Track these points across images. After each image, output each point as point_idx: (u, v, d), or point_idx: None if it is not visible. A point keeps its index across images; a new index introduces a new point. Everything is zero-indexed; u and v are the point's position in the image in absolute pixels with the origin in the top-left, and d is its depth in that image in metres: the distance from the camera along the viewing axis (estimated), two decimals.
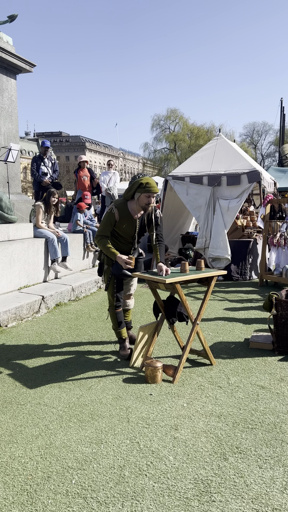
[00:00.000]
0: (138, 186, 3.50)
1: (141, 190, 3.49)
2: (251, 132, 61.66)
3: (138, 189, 3.51)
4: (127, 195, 3.61)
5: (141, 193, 3.50)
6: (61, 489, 2.13)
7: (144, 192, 3.48)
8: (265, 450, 2.43)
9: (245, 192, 7.59)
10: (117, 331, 3.92)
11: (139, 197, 3.53)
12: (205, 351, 3.65)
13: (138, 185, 3.51)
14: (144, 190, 3.48)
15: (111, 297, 3.82)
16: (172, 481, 2.17)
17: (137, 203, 3.58)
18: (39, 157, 8.66)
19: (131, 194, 3.58)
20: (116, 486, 2.14)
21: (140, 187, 3.49)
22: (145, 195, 3.50)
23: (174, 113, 49.70)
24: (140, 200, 3.54)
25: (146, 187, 3.47)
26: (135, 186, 3.53)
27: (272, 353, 3.97)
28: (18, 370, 3.62)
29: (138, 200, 3.55)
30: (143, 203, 3.54)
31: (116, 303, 3.81)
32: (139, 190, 3.51)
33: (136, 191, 3.52)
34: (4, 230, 5.95)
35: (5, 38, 7.94)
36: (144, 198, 3.52)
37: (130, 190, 3.58)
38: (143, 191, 3.49)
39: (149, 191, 3.47)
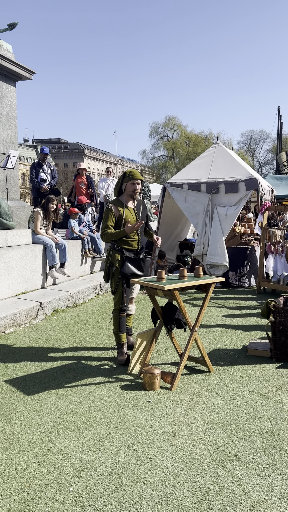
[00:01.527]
0: (123, 176, 3.88)
1: (127, 179, 3.86)
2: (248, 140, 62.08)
3: (124, 179, 3.87)
4: (116, 190, 3.97)
5: (127, 182, 3.86)
6: (59, 496, 2.11)
7: (129, 180, 3.84)
8: (263, 457, 2.43)
9: (243, 200, 7.63)
10: (117, 335, 3.94)
11: (125, 186, 3.89)
12: (203, 358, 3.65)
13: (123, 176, 3.90)
14: (129, 178, 3.84)
15: (119, 300, 3.89)
16: (170, 489, 2.16)
17: (126, 193, 3.92)
18: (38, 163, 8.69)
19: (119, 187, 3.93)
20: (114, 493, 2.13)
21: (125, 177, 3.87)
22: (131, 183, 3.85)
23: (172, 120, 50.03)
24: (127, 189, 3.88)
25: (130, 175, 3.85)
26: (121, 178, 3.91)
27: (270, 360, 3.97)
28: (15, 376, 3.61)
29: (126, 189, 3.90)
30: (130, 190, 3.87)
31: (122, 307, 3.89)
32: (124, 180, 3.87)
33: (123, 181, 3.89)
34: (3, 236, 5.96)
35: (5, 45, 8.00)
36: (130, 185, 3.86)
37: (117, 184, 3.95)
38: (128, 179, 3.85)
39: (133, 178, 3.83)
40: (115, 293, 3.88)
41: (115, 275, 3.86)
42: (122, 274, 3.82)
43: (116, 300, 3.91)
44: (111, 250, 3.92)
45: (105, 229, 3.81)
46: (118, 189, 3.94)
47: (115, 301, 3.92)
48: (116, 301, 3.91)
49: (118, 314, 3.91)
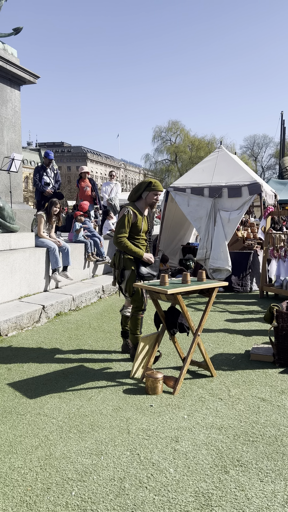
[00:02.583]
0: (147, 185, 3.91)
1: (149, 189, 3.90)
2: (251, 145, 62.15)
3: (147, 188, 3.90)
4: (135, 196, 3.98)
5: (149, 191, 3.90)
6: (61, 500, 2.11)
7: (152, 190, 3.89)
8: (266, 463, 2.42)
9: (246, 204, 7.63)
10: (136, 336, 4.03)
11: (147, 195, 3.93)
12: (206, 363, 3.64)
13: (146, 184, 3.91)
14: (152, 189, 3.89)
15: (140, 301, 3.95)
16: (173, 494, 2.15)
17: (145, 202, 3.96)
18: (42, 167, 8.72)
19: (139, 194, 3.96)
20: (116, 498, 2.12)
21: (149, 186, 3.89)
22: (153, 193, 3.91)
23: (175, 125, 50.15)
24: (148, 198, 3.93)
25: (154, 186, 3.89)
26: (143, 186, 3.92)
27: (273, 365, 3.96)
28: (18, 379, 3.61)
29: (146, 198, 3.94)
30: (150, 200, 3.93)
31: (143, 306, 3.98)
32: (147, 189, 3.91)
33: (145, 190, 3.91)
34: (6, 239, 5.98)
35: (10, 50, 8.05)
36: (152, 195, 3.92)
37: (138, 190, 3.96)
38: (151, 189, 3.89)
39: (156, 189, 3.89)
40: (134, 294, 3.92)
41: (131, 278, 3.90)
42: (138, 275, 3.89)
43: (137, 301, 3.96)
44: (121, 253, 3.94)
45: (121, 236, 3.84)
46: (138, 196, 3.96)
47: (136, 303, 3.96)
48: (137, 302, 3.96)
49: (139, 315, 3.99)
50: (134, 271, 3.91)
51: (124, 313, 4.18)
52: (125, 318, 4.21)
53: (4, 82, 8.05)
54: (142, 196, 3.95)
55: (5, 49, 7.91)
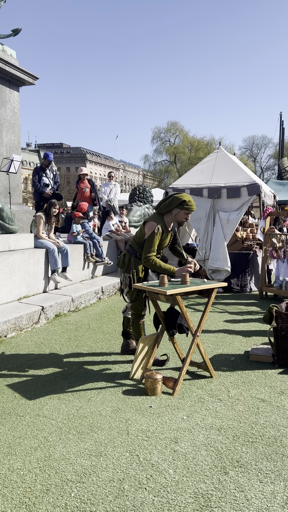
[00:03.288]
0: (180, 203, 3.65)
1: (182, 207, 3.66)
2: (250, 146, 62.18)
3: (179, 206, 3.66)
4: (165, 210, 3.74)
5: (181, 210, 3.68)
6: (60, 502, 2.10)
7: (184, 209, 3.67)
8: (265, 464, 2.41)
9: (245, 205, 7.64)
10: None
11: (178, 212, 3.70)
12: (205, 364, 3.64)
13: (179, 202, 3.65)
14: (185, 208, 3.66)
15: (141, 307, 3.91)
16: (172, 495, 2.15)
17: (175, 218, 3.75)
18: (41, 168, 8.72)
19: (170, 209, 3.72)
20: (116, 499, 2.12)
21: (182, 204, 3.65)
22: (185, 212, 3.69)
23: (174, 126, 50.17)
24: (179, 216, 3.72)
25: (187, 205, 3.65)
26: (176, 202, 3.66)
27: (272, 366, 3.95)
28: (17, 381, 3.61)
29: (177, 215, 3.72)
30: (181, 218, 3.73)
31: (143, 312, 3.94)
32: (179, 207, 3.67)
33: (176, 207, 3.68)
34: (5, 240, 5.97)
35: (8, 51, 8.06)
36: (183, 214, 3.71)
37: (170, 205, 3.70)
38: (183, 208, 3.66)
39: (189, 209, 3.67)
40: (136, 300, 3.87)
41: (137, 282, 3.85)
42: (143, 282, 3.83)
43: (138, 307, 3.90)
44: (131, 256, 3.88)
45: (151, 256, 3.60)
46: (168, 210, 3.73)
47: (136, 309, 3.91)
48: (138, 308, 3.91)
49: (139, 321, 3.94)
50: (141, 278, 3.88)
51: (127, 315, 4.17)
52: (127, 319, 4.20)
53: (3, 83, 8.05)
54: (172, 212, 3.72)
55: (4, 50, 7.92)
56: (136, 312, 3.92)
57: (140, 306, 3.90)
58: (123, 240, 8.99)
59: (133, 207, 11.17)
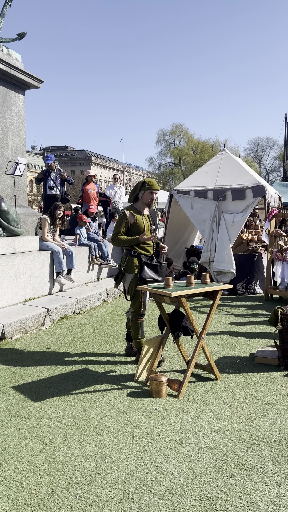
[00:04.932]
0: (142, 185, 3.94)
1: (144, 188, 3.92)
2: (255, 147, 62.00)
3: (142, 188, 3.93)
4: (132, 197, 4.03)
5: (145, 191, 3.93)
6: (65, 504, 2.10)
7: (147, 189, 3.92)
8: (271, 467, 2.40)
9: (250, 207, 7.62)
10: (138, 341, 4.01)
11: (143, 195, 3.96)
12: (210, 366, 3.63)
13: (141, 184, 3.95)
14: (147, 188, 3.92)
15: (138, 305, 3.94)
16: (177, 498, 2.14)
17: (142, 201, 3.99)
18: (47, 171, 8.82)
19: (136, 195, 4.00)
20: (121, 502, 2.12)
21: (144, 186, 3.92)
22: (148, 192, 3.93)
23: (179, 128, 50.20)
24: (144, 198, 3.96)
25: (148, 185, 3.92)
26: (139, 186, 3.96)
27: (277, 368, 3.94)
28: (22, 383, 3.61)
29: (143, 198, 3.97)
30: (147, 200, 3.96)
31: (142, 311, 3.97)
32: (142, 189, 3.94)
33: (140, 190, 3.95)
34: (11, 243, 6.00)
35: (14, 55, 8.11)
36: (148, 195, 3.94)
37: (134, 191, 4.01)
38: (146, 189, 3.92)
39: (151, 188, 3.91)
40: (134, 298, 3.92)
41: (134, 281, 3.89)
42: (140, 279, 3.87)
43: (135, 306, 3.95)
44: (127, 255, 3.95)
45: (116, 235, 3.91)
46: (135, 197, 4.01)
47: (134, 307, 3.96)
48: (136, 307, 3.95)
49: (138, 319, 3.97)
50: (137, 275, 3.91)
51: (129, 316, 4.17)
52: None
53: (8, 87, 8.10)
54: (139, 197, 4.00)
55: (9, 54, 7.97)
56: (135, 309, 3.96)
57: (139, 304, 3.94)
58: None
59: None
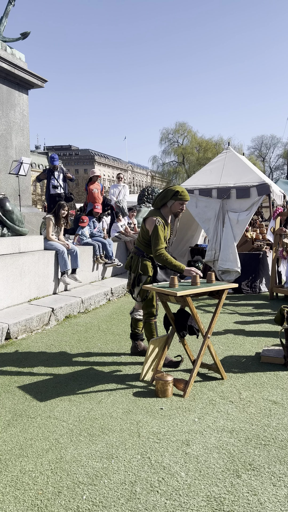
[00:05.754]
0: (174, 194, 3.76)
1: (176, 198, 3.76)
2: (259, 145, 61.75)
3: (173, 197, 3.77)
4: (160, 203, 3.84)
5: (176, 200, 3.78)
6: (72, 504, 2.10)
7: (179, 200, 3.76)
8: (278, 467, 2.38)
9: (255, 205, 7.59)
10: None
11: (172, 204, 3.80)
12: (216, 365, 3.61)
13: (173, 193, 3.76)
14: (179, 198, 3.76)
15: (151, 307, 3.91)
16: (184, 498, 2.13)
17: (170, 210, 3.85)
18: (50, 170, 8.81)
19: (164, 202, 3.83)
20: (128, 502, 2.11)
21: (175, 195, 3.76)
22: (179, 203, 3.79)
23: (182, 126, 50.10)
24: (174, 207, 3.82)
25: (181, 195, 3.76)
26: (170, 194, 3.78)
27: (284, 367, 3.91)
28: (28, 382, 3.62)
29: (172, 207, 3.82)
30: (176, 209, 3.82)
31: (155, 312, 3.94)
32: (173, 198, 3.77)
33: (171, 198, 3.78)
34: (15, 243, 6.00)
35: (17, 54, 8.11)
36: (178, 205, 3.80)
37: (164, 198, 3.82)
38: (178, 199, 3.76)
39: (183, 199, 3.77)
40: (146, 300, 3.88)
41: (146, 283, 3.84)
42: (153, 282, 3.84)
43: (149, 306, 3.91)
44: (139, 257, 3.89)
45: (160, 249, 3.67)
46: (163, 203, 3.83)
47: (148, 308, 3.92)
48: (150, 308, 3.91)
49: (151, 320, 3.94)
50: (150, 277, 3.87)
51: (134, 316, 4.17)
52: (135, 320, 4.19)
53: (12, 87, 8.11)
54: (167, 204, 3.82)
55: (13, 53, 7.97)
56: (148, 311, 3.92)
57: (152, 305, 3.91)
58: (132, 241, 8.99)
59: (142, 208, 11.17)
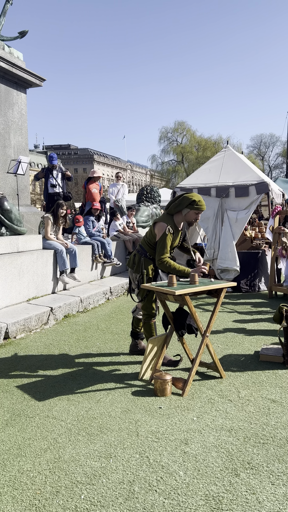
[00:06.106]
0: (190, 203, 3.61)
1: (192, 207, 3.62)
2: (258, 144, 61.75)
3: (189, 206, 3.63)
4: (175, 210, 3.70)
5: (191, 209, 3.64)
6: (70, 504, 2.09)
7: (195, 209, 3.63)
8: (277, 466, 2.38)
9: (254, 204, 7.58)
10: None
11: (188, 212, 3.67)
12: (215, 364, 3.61)
13: (189, 202, 3.62)
14: (195, 208, 3.62)
15: (151, 307, 3.87)
16: (183, 497, 2.13)
17: (184, 218, 3.72)
18: (48, 169, 8.81)
19: (179, 209, 3.68)
20: (126, 502, 2.10)
21: (192, 204, 3.61)
22: (195, 212, 3.66)
23: (181, 125, 50.06)
24: (189, 216, 3.69)
25: (197, 205, 3.61)
26: (186, 202, 3.63)
27: (282, 366, 3.91)
28: (26, 382, 3.61)
29: (186, 215, 3.69)
30: (191, 218, 3.70)
31: (154, 313, 3.91)
32: (189, 207, 3.63)
33: (186, 207, 3.64)
34: (14, 242, 5.99)
35: (15, 53, 8.09)
36: (193, 214, 3.67)
37: (179, 205, 3.67)
38: (193, 208, 3.62)
39: (199, 209, 3.63)
40: (145, 300, 3.85)
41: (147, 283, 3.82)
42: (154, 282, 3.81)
43: (148, 307, 3.88)
44: (142, 258, 3.86)
45: (164, 257, 3.61)
46: (178, 210, 3.70)
47: (147, 309, 3.89)
48: (148, 309, 3.89)
49: (150, 321, 3.91)
50: (151, 278, 3.85)
51: (136, 315, 4.15)
52: (136, 319, 4.19)
53: (10, 86, 8.09)
54: (182, 212, 3.69)
55: (11, 52, 7.95)
56: (147, 312, 3.90)
57: (151, 306, 3.88)
58: (131, 240, 8.98)
59: (141, 207, 11.16)
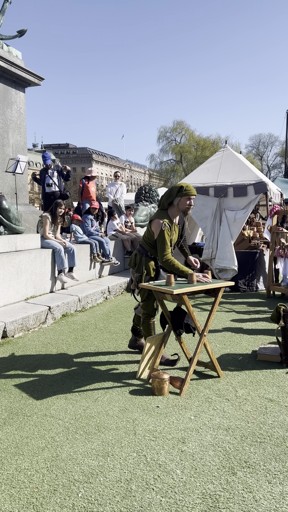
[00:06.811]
0: (178, 190, 3.62)
1: (181, 194, 3.62)
2: (257, 144, 61.77)
3: (178, 193, 3.63)
4: (166, 203, 3.70)
5: (182, 196, 3.63)
6: (68, 502, 2.10)
7: (184, 195, 3.61)
8: (274, 464, 2.39)
9: (252, 203, 7.60)
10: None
11: (179, 201, 3.65)
12: (213, 363, 3.62)
13: (177, 189, 3.63)
14: (184, 194, 3.61)
15: (151, 307, 3.88)
16: (180, 496, 2.13)
17: (178, 208, 3.69)
18: (45, 168, 8.83)
19: (170, 201, 3.68)
20: (123, 500, 2.11)
21: (181, 191, 3.61)
22: (186, 198, 3.63)
23: (180, 125, 50.03)
24: (181, 204, 3.66)
25: (186, 190, 3.61)
26: (175, 191, 3.64)
27: (280, 365, 3.92)
28: (24, 381, 3.61)
29: (179, 204, 3.66)
30: (184, 206, 3.66)
31: (154, 313, 3.92)
32: (179, 194, 3.63)
33: (176, 195, 3.64)
34: (12, 241, 5.99)
35: (14, 52, 8.08)
36: (185, 200, 3.64)
37: (169, 196, 3.68)
38: (183, 194, 3.61)
39: (188, 194, 3.61)
40: (147, 300, 3.86)
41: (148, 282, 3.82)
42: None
43: (148, 307, 3.89)
44: (143, 257, 3.86)
45: (166, 254, 3.58)
46: (169, 202, 3.68)
47: (147, 308, 3.90)
48: (149, 308, 3.90)
49: (150, 320, 3.92)
50: (152, 278, 3.85)
51: (138, 313, 4.16)
52: (137, 317, 4.19)
53: (8, 84, 8.08)
54: (174, 203, 3.67)
55: (9, 51, 7.94)
56: (147, 311, 3.91)
57: (151, 305, 3.89)
58: (129, 240, 8.98)
59: (139, 207, 11.16)
